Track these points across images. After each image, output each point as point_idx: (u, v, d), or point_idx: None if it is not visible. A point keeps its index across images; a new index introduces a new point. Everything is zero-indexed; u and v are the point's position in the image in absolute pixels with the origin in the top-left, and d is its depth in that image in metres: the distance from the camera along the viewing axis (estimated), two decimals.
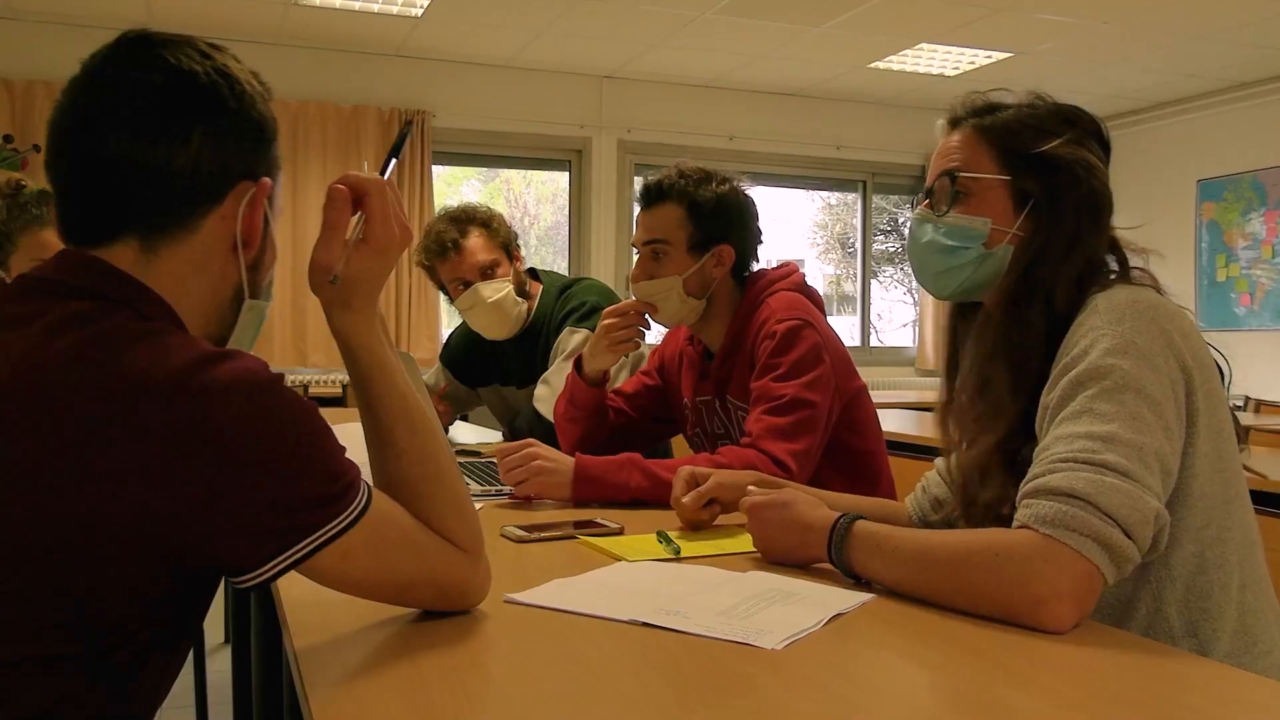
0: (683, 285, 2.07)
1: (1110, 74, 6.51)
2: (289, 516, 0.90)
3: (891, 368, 7.61)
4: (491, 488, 1.93)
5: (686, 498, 1.56)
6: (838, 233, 8.09)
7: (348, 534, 0.93)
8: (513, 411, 2.92)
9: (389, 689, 0.93)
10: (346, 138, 6.17)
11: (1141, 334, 1.18)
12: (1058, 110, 1.35)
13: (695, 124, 6.96)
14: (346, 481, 0.95)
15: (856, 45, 6.04)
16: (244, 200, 1.01)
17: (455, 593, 1.09)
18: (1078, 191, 1.30)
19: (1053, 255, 1.30)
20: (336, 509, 0.93)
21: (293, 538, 0.91)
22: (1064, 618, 1.06)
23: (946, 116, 1.42)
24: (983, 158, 1.35)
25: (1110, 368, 1.16)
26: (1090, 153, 1.32)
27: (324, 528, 0.92)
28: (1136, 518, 1.08)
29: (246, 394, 0.88)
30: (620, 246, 6.90)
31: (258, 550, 0.90)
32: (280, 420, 0.90)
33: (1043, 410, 1.23)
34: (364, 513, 0.95)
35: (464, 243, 2.70)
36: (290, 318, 6.09)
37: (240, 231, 1.01)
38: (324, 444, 0.94)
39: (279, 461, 0.89)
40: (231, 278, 1.03)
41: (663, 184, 2.08)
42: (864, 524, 1.25)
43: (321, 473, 0.93)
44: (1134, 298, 1.22)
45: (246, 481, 0.87)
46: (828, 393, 1.95)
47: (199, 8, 5.46)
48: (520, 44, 6.07)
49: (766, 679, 0.94)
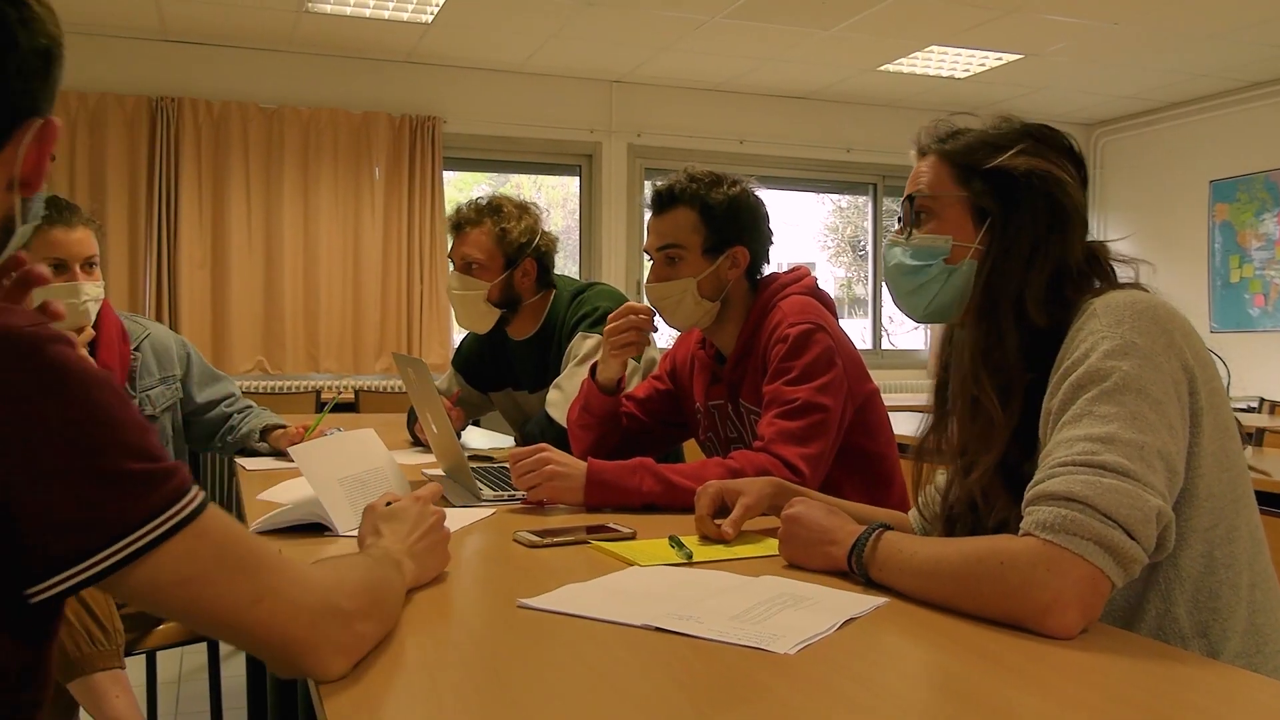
0: (697, 288, 2.08)
1: (1121, 75, 6.49)
2: (106, 492, 0.77)
3: (903, 370, 7.59)
4: (504, 492, 1.93)
5: (726, 527, 1.54)
6: (848, 235, 8.09)
7: (178, 535, 0.80)
8: (525, 416, 2.92)
9: (403, 694, 0.94)
10: (358, 144, 6.19)
11: (1142, 334, 1.18)
12: (1021, 128, 1.37)
13: (705, 128, 6.97)
14: (170, 468, 0.82)
15: (867, 48, 6.04)
16: (26, 139, 0.88)
17: (296, 648, 0.89)
18: (1034, 202, 1.32)
19: (1013, 267, 1.32)
20: (166, 495, 0.80)
21: (114, 526, 0.77)
22: (1070, 624, 1.06)
23: (914, 146, 1.45)
24: (944, 179, 1.39)
25: (1110, 369, 1.16)
26: (1053, 165, 1.33)
27: (154, 517, 0.79)
28: (1138, 517, 1.08)
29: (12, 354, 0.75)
30: (631, 251, 6.91)
31: (65, 539, 0.76)
32: (68, 384, 0.76)
33: (1045, 416, 1.23)
34: (198, 513, 0.82)
35: (468, 230, 2.71)
36: (303, 324, 6.11)
37: (20, 174, 0.89)
38: (133, 417, 0.81)
39: (77, 427, 0.76)
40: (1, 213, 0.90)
41: (674, 189, 2.09)
42: (889, 535, 1.25)
43: (136, 448, 0.79)
44: (1132, 299, 1.23)
45: (35, 451, 0.74)
46: (840, 396, 1.95)
47: (210, 15, 5.49)
48: (530, 49, 6.09)
49: (780, 683, 0.95)
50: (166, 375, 2.60)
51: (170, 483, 0.81)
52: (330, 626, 0.91)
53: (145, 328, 2.61)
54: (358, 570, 1.03)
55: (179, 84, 5.88)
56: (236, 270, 5.96)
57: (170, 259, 5.86)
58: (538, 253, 2.74)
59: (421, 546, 1.23)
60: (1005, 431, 1.31)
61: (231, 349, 5.94)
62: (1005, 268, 1.32)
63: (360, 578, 1.01)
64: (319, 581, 0.92)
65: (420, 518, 1.26)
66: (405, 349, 6.22)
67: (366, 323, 6.22)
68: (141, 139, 5.80)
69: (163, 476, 0.80)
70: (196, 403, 2.66)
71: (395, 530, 1.23)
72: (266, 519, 1.64)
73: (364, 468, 1.74)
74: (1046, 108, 7.07)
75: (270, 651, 0.89)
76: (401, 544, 1.20)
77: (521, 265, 2.71)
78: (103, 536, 0.77)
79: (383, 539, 1.20)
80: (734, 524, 1.54)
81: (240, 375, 5.82)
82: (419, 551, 1.22)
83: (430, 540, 1.26)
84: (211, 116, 5.93)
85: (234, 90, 5.99)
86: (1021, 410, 1.30)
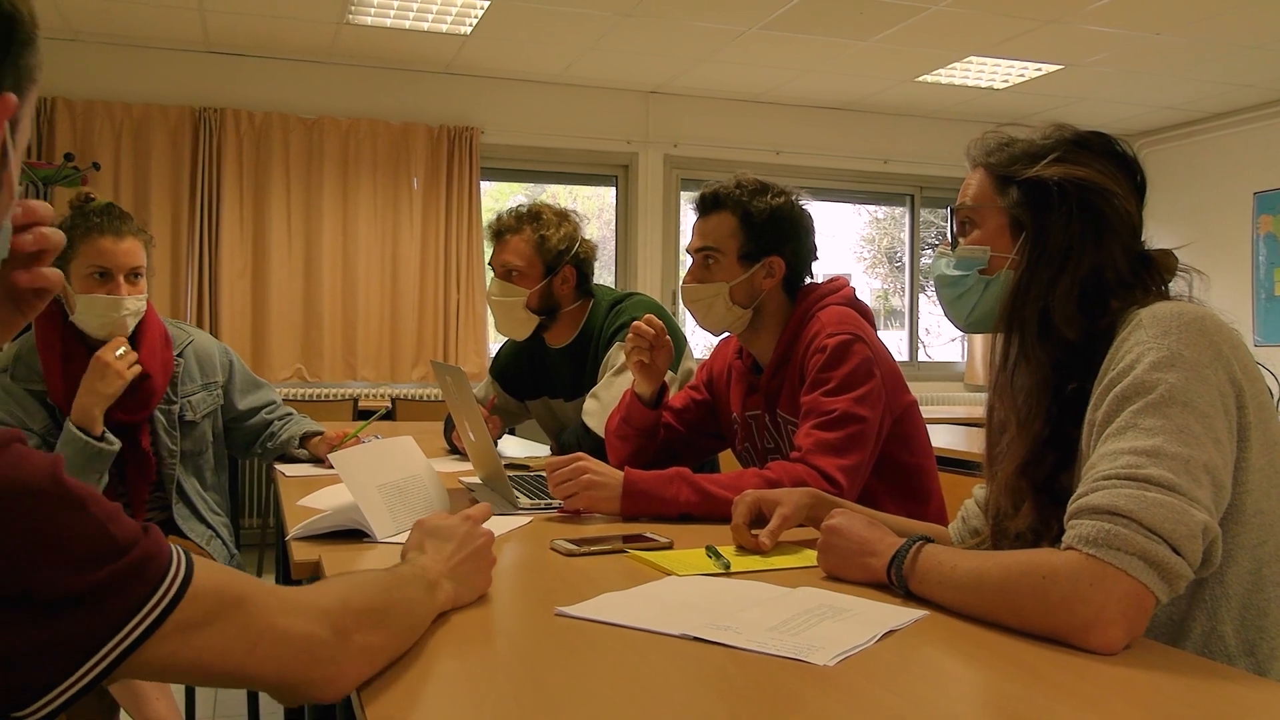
0: (729, 293, 2.09)
1: (1163, 85, 6.42)
2: (68, 613, 0.72)
3: (940, 383, 7.54)
4: (541, 501, 1.94)
5: (763, 537, 1.53)
6: (885, 247, 8.04)
7: (164, 625, 0.76)
8: (561, 425, 2.93)
9: (444, 698, 0.94)
10: (396, 155, 6.24)
11: (1189, 346, 1.16)
12: (1066, 137, 1.36)
13: (742, 138, 6.96)
14: (136, 561, 0.76)
15: (904, 59, 6.02)
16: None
17: (294, 681, 0.89)
18: (1067, 211, 1.31)
19: (1043, 276, 1.31)
20: (137, 595, 0.75)
21: (88, 642, 0.72)
22: (1113, 640, 1.05)
23: (966, 158, 1.46)
24: (986, 191, 1.40)
25: (1156, 381, 1.15)
26: (1094, 172, 1.32)
27: (133, 616, 0.74)
28: (1183, 532, 1.06)
29: None
30: (667, 261, 6.91)
31: (35, 668, 0.71)
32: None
33: (1089, 428, 1.22)
34: (179, 598, 0.78)
35: (508, 237, 2.73)
36: (341, 332, 6.17)
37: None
38: (84, 521, 0.74)
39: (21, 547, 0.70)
40: None
41: (719, 194, 2.12)
42: (930, 548, 1.25)
43: (95, 554, 0.73)
44: (1179, 310, 1.21)
45: None
46: (878, 408, 1.94)
47: (253, 27, 5.56)
48: (567, 60, 6.12)
49: (818, 695, 0.94)
50: (209, 381, 2.63)
51: (143, 576, 0.76)
52: (327, 647, 0.89)
53: (189, 334, 2.64)
54: (372, 588, 1.01)
55: (222, 95, 5.96)
56: (276, 279, 6.03)
57: (212, 267, 5.94)
58: (576, 260, 2.75)
59: (464, 568, 1.21)
60: (1028, 438, 1.30)
61: (271, 357, 6.00)
62: (1034, 278, 1.32)
63: (371, 596, 0.99)
64: (312, 602, 0.91)
65: (468, 538, 1.25)
66: (442, 358, 6.25)
67: (404, 332, 6.27)
68: (185, 149, 5.89)
69: (133, 570, 0.75)
70: (238, 409, 2.69)
71: (439, 549, 1.21)
72: (305, 525, 1.65)
73: (403, 475, 1.75)
74: (1087, 119, 6.99)
75: (271, 689, 0.89)
76: (443, 563, 1.19)
77: (561, 272, 2.72)
78: (72, 660, 0.72)
79: (424, 555, 1.19)
80: (771, 535, 1.53)
81: (279, 383, 5.88)
82: (461, 573, 1.21)
83: (474, 563, 1.24)
84: (253, 127, 6.01)
85: (275, 101, 6.06)
86: (1059, 420, 1.28)
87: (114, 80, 5.82)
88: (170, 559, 0.78)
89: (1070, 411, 1.27)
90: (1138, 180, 1.36)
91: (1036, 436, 1.30)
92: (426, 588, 1.11)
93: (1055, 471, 1.29)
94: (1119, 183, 1.33)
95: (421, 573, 1.14)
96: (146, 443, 2.46)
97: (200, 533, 2.52)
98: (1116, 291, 1.30)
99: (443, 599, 1.15)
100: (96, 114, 5.75)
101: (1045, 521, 1.29)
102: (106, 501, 0.76)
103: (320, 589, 0.95)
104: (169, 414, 2.51)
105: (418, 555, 1.20)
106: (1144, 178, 1.36)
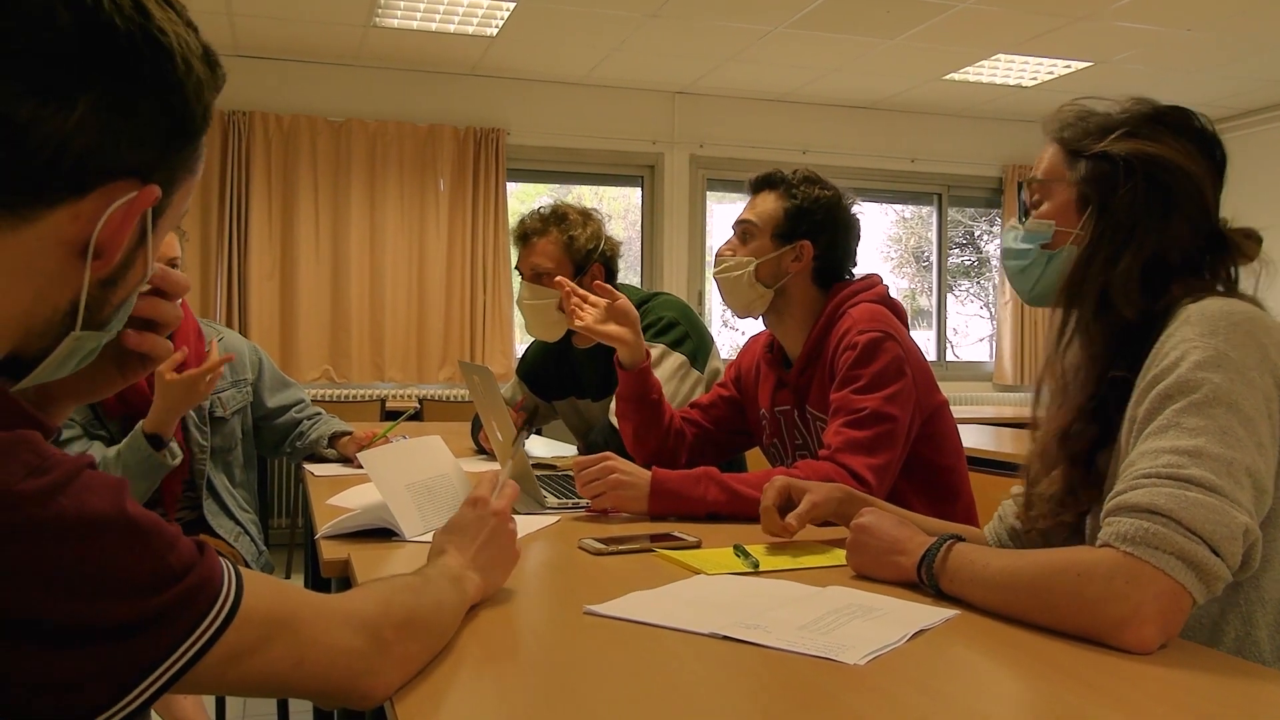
0: (755, 270, 2.12)
1: (1194, 82, 6.35)
2: (125, 635, 0.72)
3: (968, 383, 7.49)
4: (569, 501, 1.94)
5: (791, 520, 1.53)
6: (912, 246, 8.00)
7: (216, 646, 0.77)
8: (587, 425, 2.93)
9: (474, 696, 0.94)
10: (423, 156, 6.27)
11: (1236, 347, 1.14)
12: (1141, 112, 1.33)
13: (768, 138, 6.95)
14: (195, 579, 0.76)
15: (932, 57, 5.99)
16: (116, 203, 0.76)
17: (339, 690, 0.89)
18: (1133, 186, 1.28)
19: (1105, 253, 1.29)
20: (190, 619, 0.76)
21: (140, 663, 0.73)
22: (1147, 639, 1.03)
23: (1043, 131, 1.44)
24: (1056, 165, 1.37)
25: (1200, 381, 1.13)
26: (1166, 148, 1.29)
27: (183, 641, 0.75)
28: (1223, 533, 1.05)
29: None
30: (693, 262, 6.91)
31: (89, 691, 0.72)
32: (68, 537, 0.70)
33: (1129, 424, 1.20)
34: (230, 620, 0.78)
35: (535, 240, 2.72)
36: (368, 333, 6.20)
37: (96, 240, 0.76)
38: (144, 548, 0.74)
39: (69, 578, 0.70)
40: (68, 291, 0.78)
41: (771, 175, 2.18)
42: (961, 546, 1.23)
43: (154, 579, 0.74)
44: (1228, 309, 1.18)
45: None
46: (909, 407, 1.92)
47: (281, 31, 5.60)
48: (593, 61, 6.12)
49: (850, 694, 0.93)
50: (239, 379, 2.66)
51: (196, 603, 0.76)
52: (368, 659, 0.90)
53: (219, 332, 2.68)
54: (409, 596, 1.01)
55: (250, 98, 6.00)
56: (304, 280, 6.07)
57: (240, 269, 5.99)
58: (604, 258, 2.75)
59: (485, 555, 1.21)
60: (1072, 408, 1.31)
61: (299, 358, 6.04)
62: (1096, 254, 1.30)
63: (409, 605, 0.99)
64: (357, 612, 0.91)
65: (480, 524, 1.24)
66: (469, 359, 6.27)
67: (430, 332, 6.29)
68: (213, 152, 5.94)
69: (187, 597, 0.76)
70: (267, 407, 2.71)
71: (458, 544, 1.21)
72: (335, 524, 1.66)
73: (431, 474, 1.76)
74: None
75: (316, 697, 0.90)
76: (465, 558, 1.19)
77: (590, 271, 2.73)
78: (121, 685, 0.73)
79: (445, 556, 1.19)
80: (799, 518, 1.52)
81: (307, 384, 5.91)
82: (483, 561, 1.21)
83: (493, 547, 1.24)
84: (281, 130, 6.05)
85: (303, 104, 6.11)
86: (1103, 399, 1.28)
87: None
88: (222, 583, 0.79)
89: (1114, 396, 1.26)
90: (1216, 158, 1.32)
91: (1079, 409, 1.30)
92: (454, 584, 1.12)
93: (1092, 447, 1.27)
94: (1193, 160, 1.29)
95: (448, 570, 1.14)
96: (179, 436, 2.49)
97: (229, 529, 2.55)
98: (1180, 274, 1.27)
99: (472, 591, 1.15)
100: None
101: (1073, 491, 1.29)
102: (167, 526, 0.76)
103: (361, 599, 0.95)
104: (200, 410, 2.54)
105: (439, 558, 1.19)
106: (1224, 154, 1.33)
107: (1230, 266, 1.30)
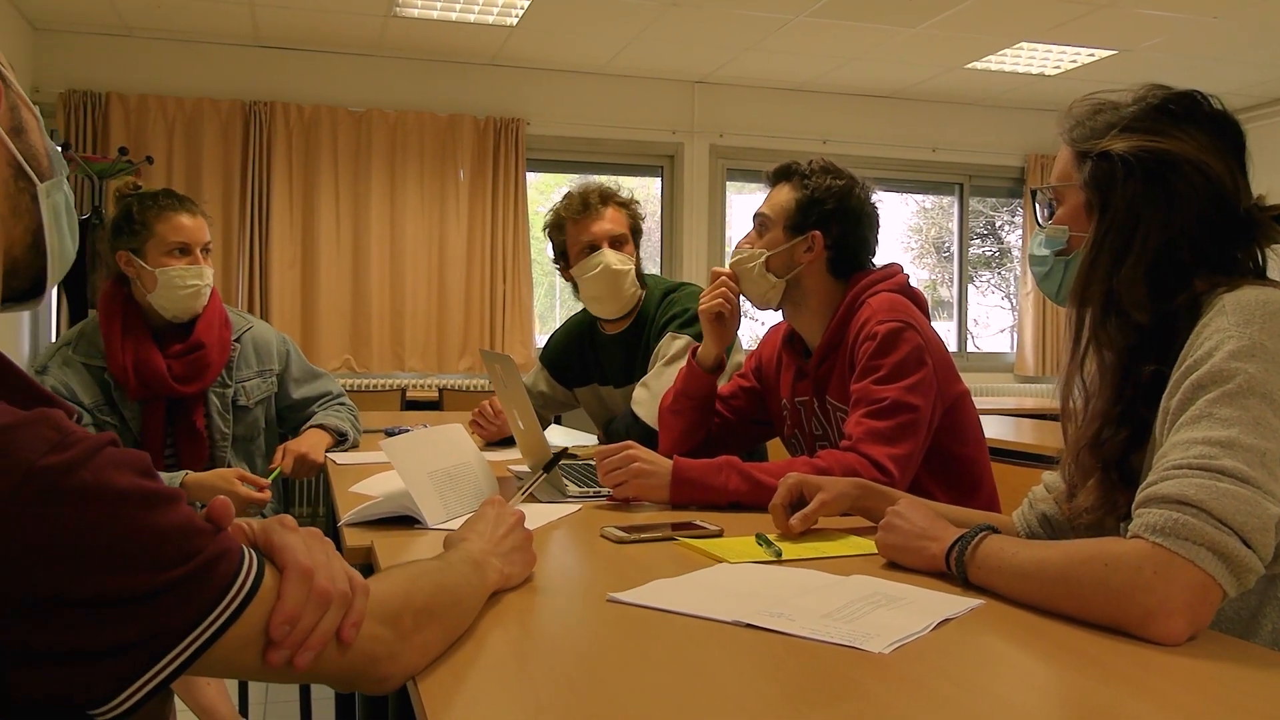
0: (767, 261, 2.11)
1: (1221, 70, 6.28)
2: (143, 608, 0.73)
3: (989, 374, 7.45)
4: (590, 489, 1.94)
5: (795, 520, 1.53)
6: (933, 236, 7.96)
7: (234, 625, 0.78)
8: (609, 413, 2.93)
9: (498, 686, 0.94)
10: (443, 146, 6.28)
11: (1272, 337, 1.12)
12: (1155, 102, 1.28)
13: (788, 127, 6.92)
14: (213, 551, 0.77)
15: (953, 45, 5.95)
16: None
17: (355, 675, 0.90)
18: (1131, 184, 1.25)
19: (1107, 256, 1.26)
20: (210, 593, 0.77)
21: (161, 640, 0.74)
22: (1175, 631, 1.02)
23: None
24: (1066, 168, 1.35)
25: (1234, 371, 1.11)
26: (1171, 139, 1.24)
27: (204, 617, 0.76)
28: (1256, 525, 1.03)
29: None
30: (713, 252, 6.89)
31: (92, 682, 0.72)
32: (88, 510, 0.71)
33: (1163, 415, 1.18)
34: (249, 599, 0.79)
35: (604, 208, 2.74)
36: (389, 323, 6.22)
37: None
38: (164, 520, 0.75)
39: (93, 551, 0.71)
40: (6, 169, 0.84)
41: (789, 167, 2.18)
42: (993, 536, 1.23)
43: (173, 553, 0.75)
44: (1265, 298, 1.16)
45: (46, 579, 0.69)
46: (930, 397, 1.91)
47: (302, 21, 5.62)
48: (613, 51, 6.11)
49: (874, 683, 0.93)
50: (264, 369, 2.68)
51: (213, 579, 0.77)
52: (388, 646, 0.90)
53: (249, 322, 2.71)
54: (430, 582, 1.01)
55: (271, 89, 6.02)
56: (325, 270, 6.09)
57: (262, 259, 6.02)
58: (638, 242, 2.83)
59: (507, 544, 1.23)
60: (1097, 415, 1.29)
61: (320, 348, 6.07)
62: (1098, 258, 1.27)
63: (430, 591, 0.99)
64: (377, 598, 0.91)
65: (499, 519, 1.27)
66: (489, 349, 6.29)
67: (450, 322, 6.31)
68: (235, 142, 5.97)
69: (208, 574, 0.77)
70: (292, 398, 2.73)
71: (479, 531, 1.23)
72: (358, 511, 1.66)
73: (453, 462, 1.76)
74: None
75: (334, 682, 0.90)
76: (488, 543, 1.20)
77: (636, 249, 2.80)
78: (141, 660, 0.74)
79: (467, 542, 1.20)
80: (803, 519, 1.52)
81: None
82: (505, 549, 1.22)
83: (514, 539, 1.25)
84: (302, 120, 6.07)
85: (324, 94, 6.12)
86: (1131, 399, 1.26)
87: (166, 75, 5.90)
88: (241, 564, 0.79)
89: (1145, 393, 1.24)
90: (1231, 140, 1.28)
91: (1105, 414, 1.28)
92: (476, 568, 1.12)
93: (1125, 450, 1.26)
94: (1201, 148, 1.25)
95: (469, 555, 1.15)
96: (201, 422, 2.51)
97: (250, 516, 2.56)
98: (1198, 269, 1.24)
99: (494, 577, 1.15)
100: (149, 109, 5.84)
101: (1110, 499, 1.26)
102: (187, 504, 0.77)
103: (383, 585, 0.95)
104: (223, 397, 2.56)
105: (460, 544, 1.20)
106: (1240, 134, 1.28)
107: (1256, 254, 1.27)
